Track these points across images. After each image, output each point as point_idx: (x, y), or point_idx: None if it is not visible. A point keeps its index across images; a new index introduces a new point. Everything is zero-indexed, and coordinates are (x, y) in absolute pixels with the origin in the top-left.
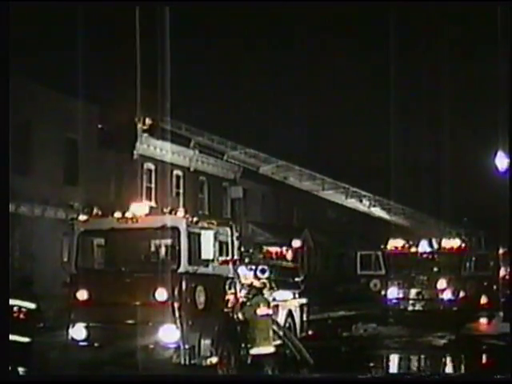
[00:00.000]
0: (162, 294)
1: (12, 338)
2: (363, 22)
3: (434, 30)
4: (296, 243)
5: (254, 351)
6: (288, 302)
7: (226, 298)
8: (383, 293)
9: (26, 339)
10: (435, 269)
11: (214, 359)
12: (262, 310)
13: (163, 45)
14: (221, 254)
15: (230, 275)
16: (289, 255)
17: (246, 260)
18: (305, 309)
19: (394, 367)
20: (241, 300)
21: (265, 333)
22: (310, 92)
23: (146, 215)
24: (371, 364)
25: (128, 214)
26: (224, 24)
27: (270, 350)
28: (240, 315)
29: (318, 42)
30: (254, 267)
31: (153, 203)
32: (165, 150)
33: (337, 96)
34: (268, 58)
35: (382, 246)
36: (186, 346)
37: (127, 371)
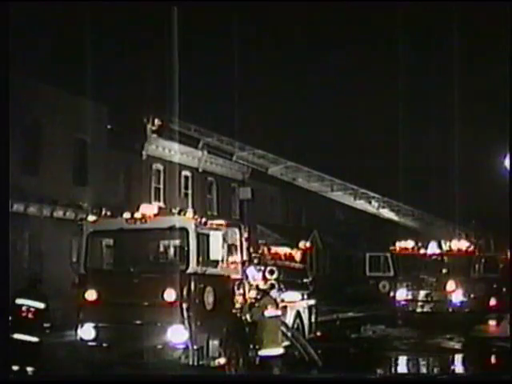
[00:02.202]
0: (170, 295)
1: (21, 337)
2: (372, 22)
3: (444, 30)
4: (304, 244)
5: (262, 352)
6: (296, 303)
7: (235, 298)
8: (392, 294)
9: (34, 339)
10: (444, 270)
11: (223, 360)
12: (270, 312)
13: (172, 45)
14: (229, 255)
15: (239, 276)
16: (297, 256)
17: (255, 261)
18: (313, 310)
19: (402, 369)
20: (249, 301)
21: (273, 334)
22: (319, 93)
23: (155, 216)
24: (380, 365)
25: (137, 215)
26: (234, 24)
27: (279, 351)
28: (248, 316)
29: (329, 43)
30: (262, 268)
31: (161, 204)
32: (173, 150)
33: (346, 97)
34: (278, 58)
35: (391, 248)
36: (195, 347)
37: (135, 371)
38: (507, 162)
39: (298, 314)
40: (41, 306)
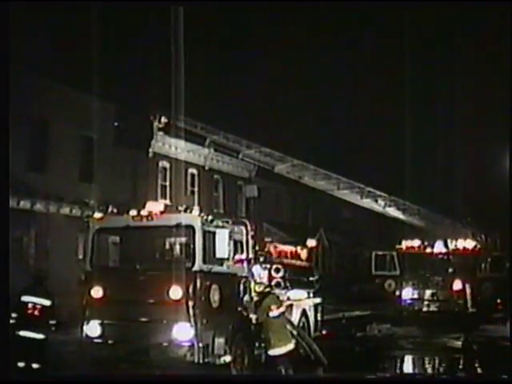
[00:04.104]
0: (176, 292)
1: (26, 334)
2: (377, 21)
3: (447, 30)
4: (311, 242)
5: (272, 352)
6: (302, 301)
7: (241, 296)
8: (398, 293)
9: (40, 336)
10: (450, 270)
11: (228, 358)
12: (274, 312)
13: (178, 43)
14: (235, 253)
15: (245, 274)
16: (303, 254)
17: (261, 259)
18: (319, 308)
19: (407, 368)
20: (255, 299)
21: (279, 334)
22: (325, 91)
23: (161, 213)
24: (385, 364)
25: (143, 212)
26: (239, 23)
27: (288, 348)
28: (254, 317)
29: (333, 41)
30: (268, 266)
31: (167, 201)
32: (180, 148)
33: (352, 95)
34: (285, 56)
35: (397, 247)
36: (200, 345)
37: (141, 369)
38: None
39: (304, 313)
40: (47, 302)
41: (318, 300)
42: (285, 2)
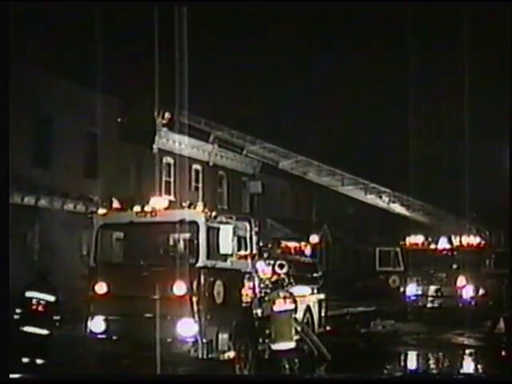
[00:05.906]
0: (180, 288)
1: (31, 330)
2: (382, 20)
3: (451, 28)
4: (314, 238)
5: (274, 347)
6: (306, 297)
7: (244, 292)
8: (402, 289)
9: (44, 331)
10: (454, 266)
11: (232, 354)
12: (279, 306)
13: (181, 38)
14: (239, 249)
15: (249, 270)
16: (307, 250)
17: (265, 255)
18: (323, 304)
19: (411, 364)
20: (259, 295)
21: (282, 329)
22: (329, 88)
23: (165, 209)
24: (389, 360)
25: (147, 208)
26: (244, 18)
27: (288, 346)
28: (259, 311)
29: (339, 38)
30: (272, 262)
31: (172, 197)
32: (184, 144)
33: (357, 92)
34: (290, 52)
35: (401, 243)
36: (204, 340)
37: (144, 365)
38: None
39: (308, 309)
40: (51, 298)
41: (322, 296)
42: (287, 1)
